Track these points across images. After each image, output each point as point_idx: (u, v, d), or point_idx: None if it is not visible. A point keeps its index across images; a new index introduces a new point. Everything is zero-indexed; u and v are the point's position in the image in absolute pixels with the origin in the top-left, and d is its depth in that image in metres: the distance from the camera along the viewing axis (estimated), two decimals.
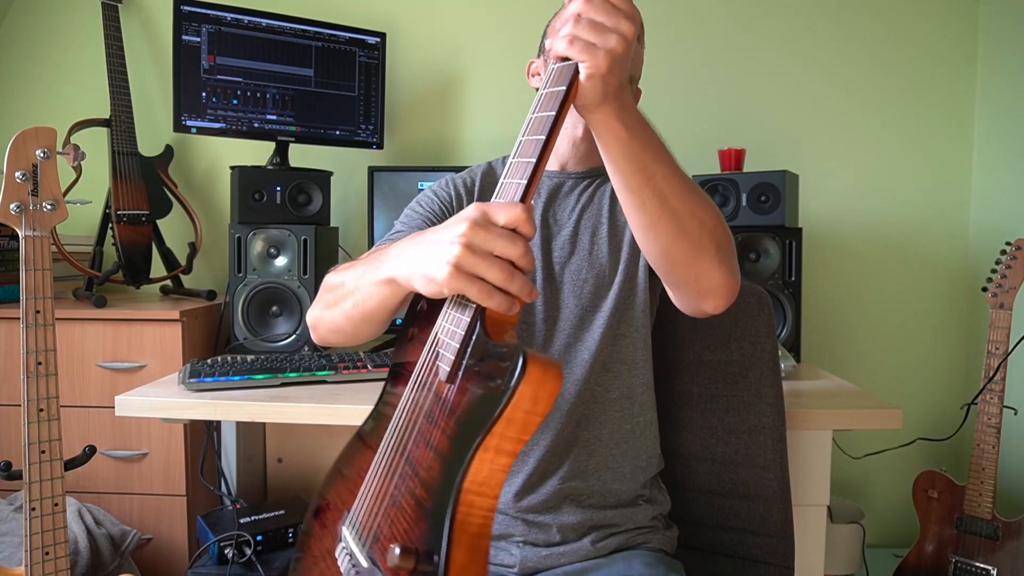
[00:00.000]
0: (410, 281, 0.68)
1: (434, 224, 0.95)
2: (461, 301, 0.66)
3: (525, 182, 0.63)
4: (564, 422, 0.99)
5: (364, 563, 0.65)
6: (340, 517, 0.74)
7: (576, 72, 0.66)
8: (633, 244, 1.03)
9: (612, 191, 1.05)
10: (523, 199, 0.63)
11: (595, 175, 1.09)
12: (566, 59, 0.67)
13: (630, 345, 1.03)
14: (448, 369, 0.64)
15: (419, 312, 0.77)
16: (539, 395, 0.57)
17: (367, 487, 0.71)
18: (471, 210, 0.62)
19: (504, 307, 0.61)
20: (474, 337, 0.63)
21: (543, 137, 0.64)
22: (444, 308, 0.69)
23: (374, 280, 0.75)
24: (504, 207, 0.62)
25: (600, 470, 1.01)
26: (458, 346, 0.63)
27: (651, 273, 1.02)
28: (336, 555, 0.72)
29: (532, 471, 0.98)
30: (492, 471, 0.58)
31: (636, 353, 1.03)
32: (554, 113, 0.65)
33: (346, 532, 0.71)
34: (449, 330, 0.66)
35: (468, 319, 0.63)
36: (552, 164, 1.09)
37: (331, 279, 0.88)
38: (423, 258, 0.65)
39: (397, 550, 0.57)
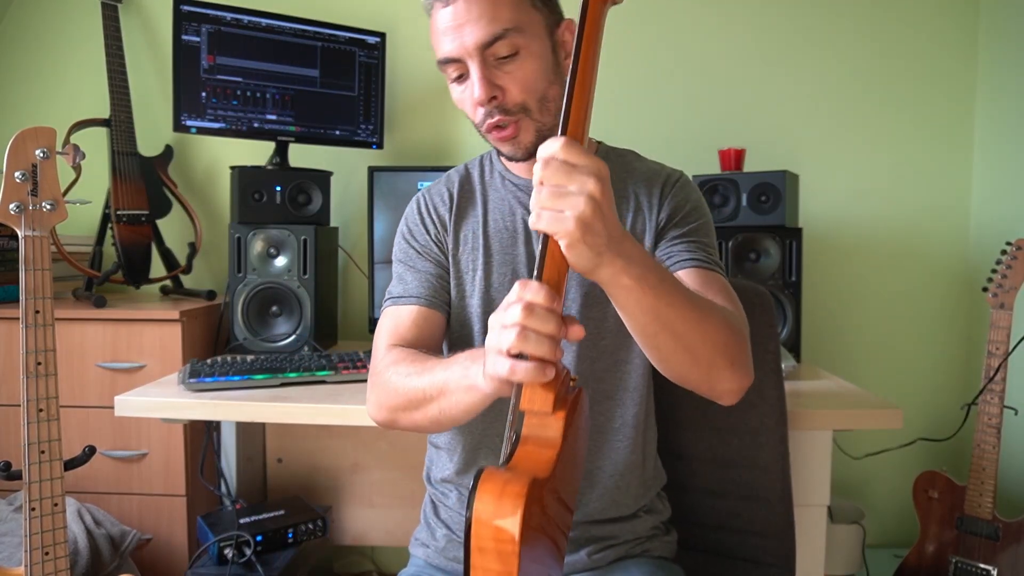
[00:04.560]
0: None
1: (437, 262, 1.00)
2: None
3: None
4: None
5: None
6: None
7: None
8: None
9: (634, 201, 0.98)
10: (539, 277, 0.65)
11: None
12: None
13: (633, 372, 1.00)
14: None
15: None
16: (500, 527, 0.52)
17: None
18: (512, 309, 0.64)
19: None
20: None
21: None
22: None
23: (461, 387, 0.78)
24: (530, 291, 0.64)
25: (602, 499, 0.99)
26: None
27: None
28: None
29: None
30: None
31: (639, 380, 1.00)
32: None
33: None
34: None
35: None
36: None
37: (396, 382, 0.87)
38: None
39: None
